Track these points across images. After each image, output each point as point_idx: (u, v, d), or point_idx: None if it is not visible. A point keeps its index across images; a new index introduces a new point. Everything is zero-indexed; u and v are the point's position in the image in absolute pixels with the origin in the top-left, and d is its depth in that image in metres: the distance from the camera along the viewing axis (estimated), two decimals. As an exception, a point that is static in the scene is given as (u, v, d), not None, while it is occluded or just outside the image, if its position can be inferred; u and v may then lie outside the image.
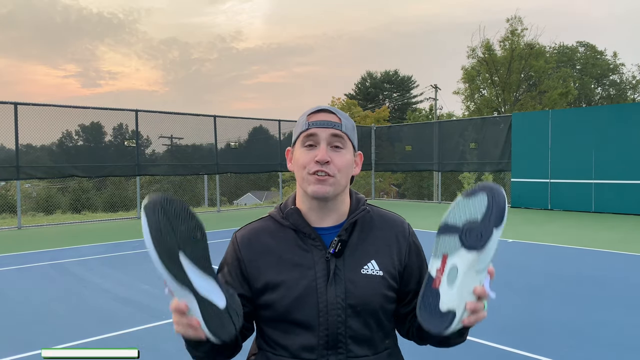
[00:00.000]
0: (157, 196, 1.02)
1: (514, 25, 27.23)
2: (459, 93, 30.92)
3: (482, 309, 1.07)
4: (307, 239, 1.24)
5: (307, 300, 1.19)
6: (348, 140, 1.24)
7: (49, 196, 21.10)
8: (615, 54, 39.45)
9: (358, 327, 1.20)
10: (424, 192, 30.22)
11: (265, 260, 1.24)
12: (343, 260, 1.22)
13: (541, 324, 4.40)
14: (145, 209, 1.00)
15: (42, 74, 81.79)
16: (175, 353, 3.84)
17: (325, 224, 1.26)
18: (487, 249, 1.02)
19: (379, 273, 1.23)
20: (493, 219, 1.03)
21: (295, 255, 1.23)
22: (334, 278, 1.20)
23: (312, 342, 1.19)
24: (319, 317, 1.19)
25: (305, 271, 1.21)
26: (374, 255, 1.25)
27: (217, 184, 15.65)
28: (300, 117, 1.28)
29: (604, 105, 33.42)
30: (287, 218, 1.27)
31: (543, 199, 13.81)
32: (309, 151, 1.22)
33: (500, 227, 1.03)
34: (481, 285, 1.05)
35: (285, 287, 1.20)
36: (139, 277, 6.38)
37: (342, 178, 1.22)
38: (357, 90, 47.46)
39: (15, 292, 5.72)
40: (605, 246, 8.16)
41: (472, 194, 1.07)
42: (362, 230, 1.27)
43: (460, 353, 3.77)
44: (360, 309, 1.20)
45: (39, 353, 3.85)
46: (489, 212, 1.03)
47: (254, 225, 1.32)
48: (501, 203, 1.04)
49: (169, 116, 14.30)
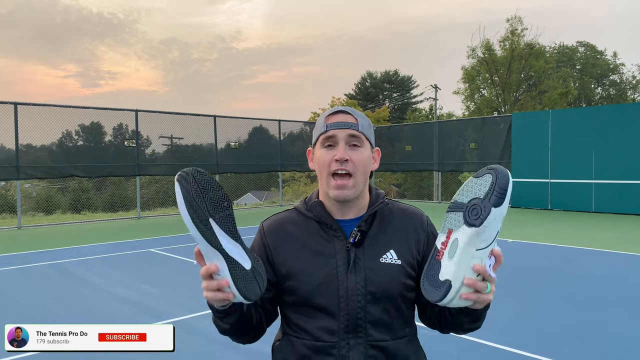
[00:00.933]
0: (189, 169, 1.10)
1: (514, 25, 27.23)
2: (459, 93, 30.91)
3: (483, 288, 1.09)
4: (329, 229, 1.32)
5: (329, 287, 1.26)
6: (365, 138, 1.32)
7: (49, 196, 21.10)
8: (615, 54, 39.47)
9: (377, 312, 1.26)
10: (424, 192, 30.22)
11: (289, 247, 1.32)
12: (363, 250, 1.29)
13: (541, 324, 4.40)
14: (179, 178, 1.08)
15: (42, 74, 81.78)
16: (176, 353, 3.84)
17: (347, 216, 1.33)
18: (484, 226, 1.06)
19: (397, 262, 1.29)
20: (493, 199, 1.07)
21: (318, 244, 1.31)
22: (354, 266, 1.27)
23: (333, 326, 1.25)
24: (339, 302, 1.25)
25: (327, 260, 1.28)
26: (392, 245, 1.31)
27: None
28: (318, 119, 1.36)
29: (604, 105, 33.42)
30: (311, 210, 1.35)
31: (543, 199, 13.81)
32: (329, 151, 1.29)
33: (500, 207, 1.06)
34: (482, 264, 1.08)
35: (307, 274, 1.27)
36: (139, 277, 6.38)
37: (360, 175, 1.29)
38: (357, 90, 47.45)
39: (15, 292, 5.72)
40: (605, 246, 8.16)
41: (480, 174, 1.12)
42: (381, 222, 1.34)
43: (461, 353, 3.77)
44: (380, 295, 1.26)
45: (39, 353, 3.85)
46: (490, 192, 1.08)
47: (280, 215, 1.41)
48: (503, 183, 1.07)
49: (169, 116, 14.30)
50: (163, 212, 16.40)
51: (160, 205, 22.15)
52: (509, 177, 1.08)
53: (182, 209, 1.07)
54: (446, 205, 1.38)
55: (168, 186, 25.38)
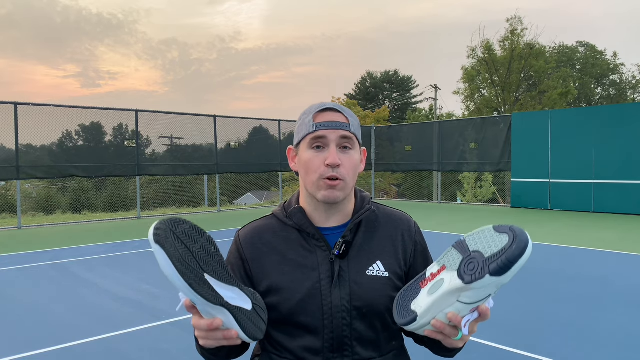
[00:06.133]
0: (164, 223, 0.95)
1: (514, 25, 27.23)
2: (459, 93, 30.90)
3: (451, 335, 1.02)
4: (311, 239, 1.22)
5: (312, 303, 1.17)
6: (356, 139, 1.22)
7: (49, 196, 21.12)
8: (615, 54, 39.50)
9: (363, 329, 1.18)
10: (424, 192, 30.22)
11: (268, 260, 1.22)
12: (348, 262, 1.20)
13: (541, 324, 4.40)
14: (158, 239, 0.93)
15: (42, 74, 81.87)
16: (176, 353, 3.84)
17: (330, 224, 1.24)
18: (473, 287, 0.97)
19: (384, 274, 1.21)
20: (494, 266, 0.95)
21: (299, 255, 1.21)
22: (339, 280, 1.18)
23: (317, 345, 1.17)
24: (323, 320, 1.17)
25: (309, 272, 1.19)
26: (379, 256, 1.22)
27: (217, 184, 15.65)
28: (303, 115, 1.23)
29: (604, 105, 33.40)
30: (290, 217, 1.24)
31: (543, 199, 13.80)
32: (318, 153, 1.18)
33: (498, 277, 0.94)
34: (459, 315, 1.00)
35: (288, 290, 1.18)
36: (139, 277, 6.38)
37: (350, 180, 1.20)
38: (357, 90, 47.45)
39: (15, 292, 5.72)
40: (605, 246, 8.16)
41: (500, 231, 1.00)
42: (366, 231, 1.25)
43: (461, 353, 3.76)
44: (366, 311, 1.18)
45: (39, 353, 3.86)
46: (496, 257, 0.96)
47: (257, 223, 1.30)
48: (514, 255, 0.94)
49: (169, 116, 14.29)
50: (163, 212, 16.41)
51: (160, 205, 22.17)
52: (526, 249, 0.94)
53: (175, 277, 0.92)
54: (446, 205, 1.36)
55: (168, 186, 25.40)
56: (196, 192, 24.28)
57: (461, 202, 23.72)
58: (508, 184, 15.16)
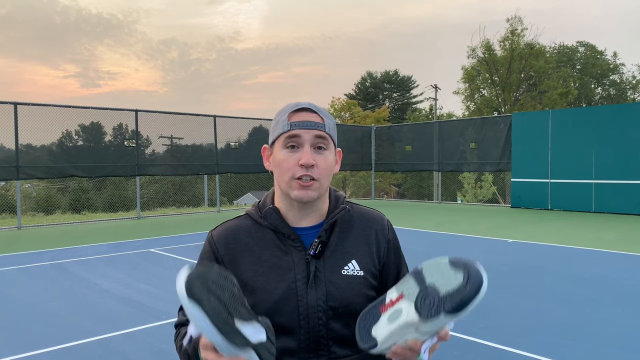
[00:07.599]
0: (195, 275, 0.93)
1: (514, 25, 27.27)
2: (459, 93, 30.94)
3: (413, 358, 1.03)
4: (287, 239, 1.22)
5: (287, 304, 1.17)
6: (330, 140, 1.21)
7: (49, 196, 21.12)
8: (615, 54, 39.50)
9: (339, 328, 1.19)
10: (424, 192, 30.23)
11: (243, 261, 1.21)
12: (323, 262, 1.20)
13: (541, 324, 4.40)
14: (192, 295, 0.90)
15: (42, 74, 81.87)
16: (176, 353, 3.84)
17: (305, 224, 1.24)
18: (429, 322, 0.98)
19: (359, 273, 1.21)
20: (448, 306, 0.96)
21: (274, 256, 1.20)
22: (314, 280, 1.18)
23: (293, 346, 1.17)
24: (299, 320, 1.17)
25: (285, 273, 1.18)
26: (354, 255, 1.23)
27: (217, 184, 15.66)
28: (278, 115, 1.23)
29: (604, 105, 33.42)
30: (265, 218, 1.24)
31: (543, 199, 13.81)
32: (292, 153, 1.18)
33: (452, 316, 0.96)
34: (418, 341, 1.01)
35: (264, 291, 1.17)
36: (139, 277, 6.38)
37: (325, 181, 1.20)
38: (357, 90, 47.47)
39: (15, 292, 5.72)
40: (605, 246, 8.16)
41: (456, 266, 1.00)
42: (341, 230, 1.25)
43: (461, 353, 3.77)
44: (342, 311, 1.18)
45: (39, 353, 3.86)
46: (449, 297, 0.97)
47: (231, 223, 1.28)
48: (467, 297, 0.95)
49: (169, 116, 14.29)
50: (163, 212, 16.40)
51: (160, 205, 22.17)
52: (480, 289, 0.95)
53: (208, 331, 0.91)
54: (446, 205, 1.35)
55: (168, 186, 25.38)
56: (196, 192, 24.28)
57: (461, 202, 23.72)
58: (508, 184, 15.17)
